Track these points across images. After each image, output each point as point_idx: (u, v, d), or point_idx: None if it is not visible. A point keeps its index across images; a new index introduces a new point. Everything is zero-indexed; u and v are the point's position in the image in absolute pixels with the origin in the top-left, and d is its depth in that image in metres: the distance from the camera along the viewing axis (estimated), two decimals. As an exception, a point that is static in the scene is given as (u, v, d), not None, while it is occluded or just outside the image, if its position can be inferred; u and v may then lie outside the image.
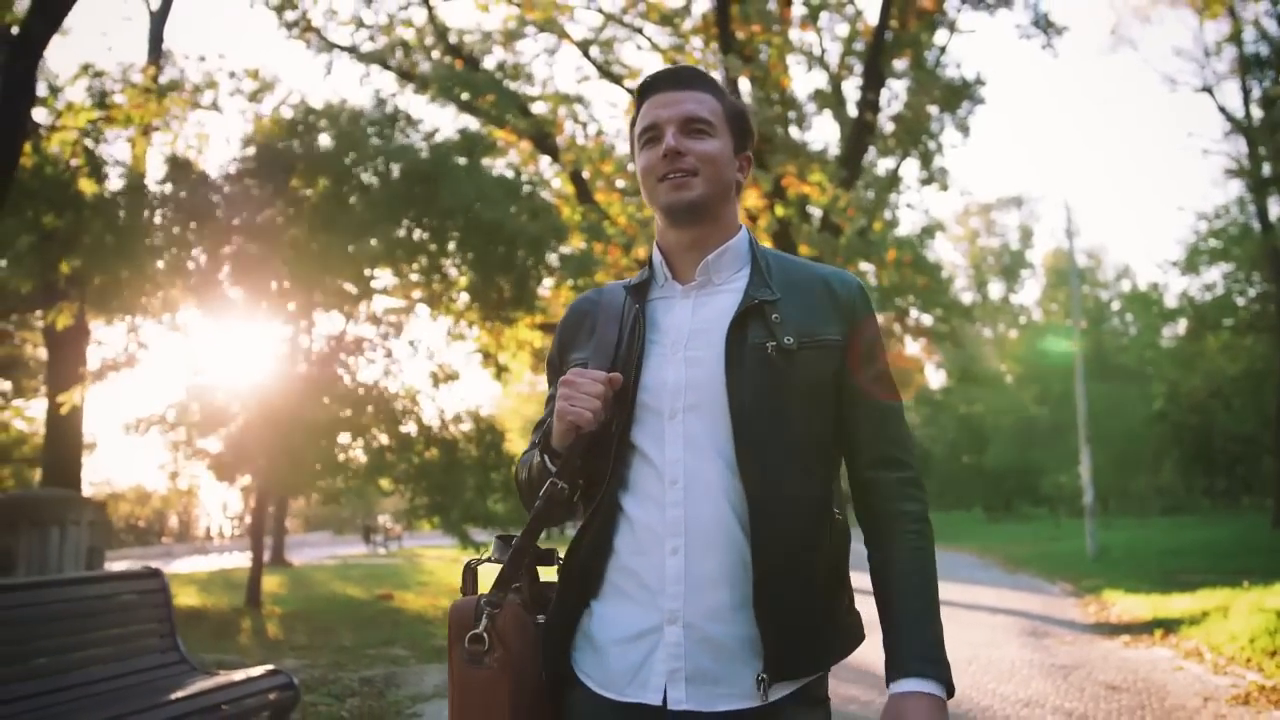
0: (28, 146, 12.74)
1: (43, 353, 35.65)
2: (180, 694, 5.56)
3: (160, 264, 14.45)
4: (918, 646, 1.86)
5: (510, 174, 17.09)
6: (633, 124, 2.13)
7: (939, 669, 1.84)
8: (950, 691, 1.85)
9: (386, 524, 40.90)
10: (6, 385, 37.12)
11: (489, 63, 21.42)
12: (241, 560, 30.42)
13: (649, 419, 1.97)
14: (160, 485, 42.01)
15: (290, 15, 20.26)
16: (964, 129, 22.75)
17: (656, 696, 1.86)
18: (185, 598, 16.12)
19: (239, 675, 6.06)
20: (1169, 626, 11.09)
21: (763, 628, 1.85)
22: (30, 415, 39.50)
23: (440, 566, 26.89)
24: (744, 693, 1.85)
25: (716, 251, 2.05)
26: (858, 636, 2.01)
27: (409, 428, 15.43)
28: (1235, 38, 28.21)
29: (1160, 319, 45.47)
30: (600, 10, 21.74)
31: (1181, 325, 42.22)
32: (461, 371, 16.81)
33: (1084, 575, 18.30)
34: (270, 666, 6.32)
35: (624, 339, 2.04)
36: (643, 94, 2.10)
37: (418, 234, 15.03)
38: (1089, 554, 22.12)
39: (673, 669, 1.85)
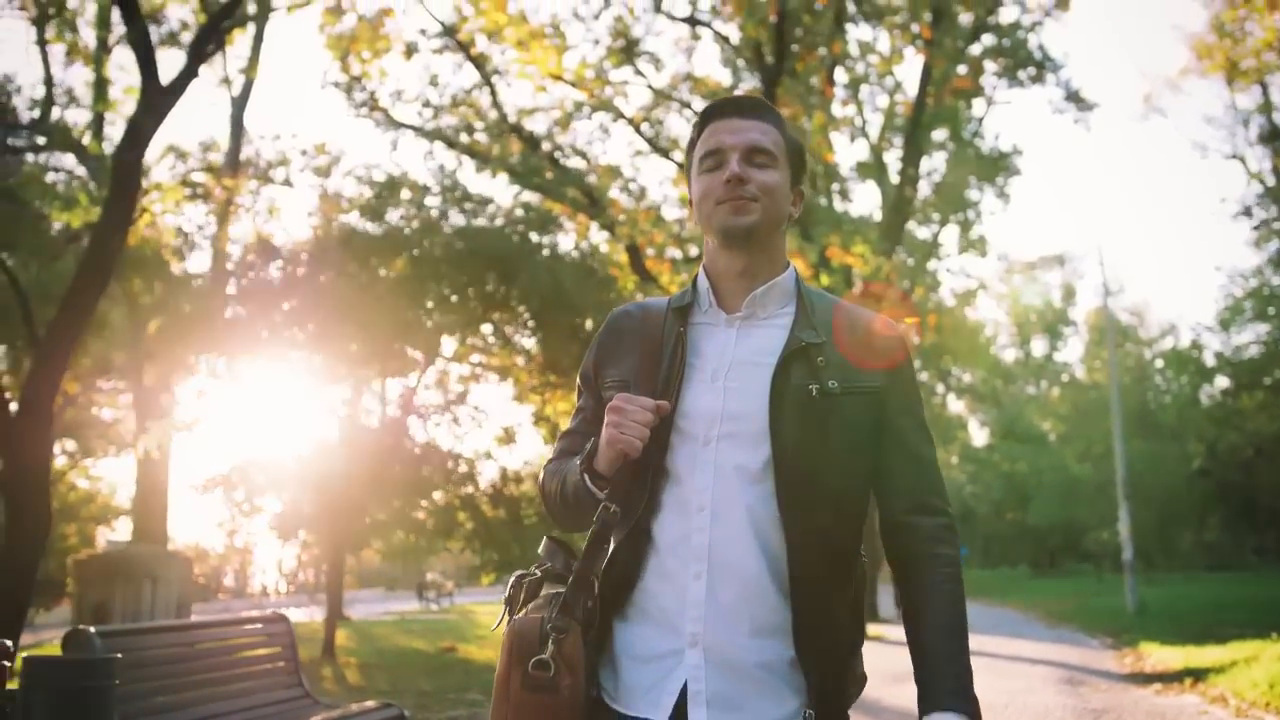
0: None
1: (107, 414, 36.90)
2: (309, 723, 6.39)
3: (237, 337, 15.37)
4: (950, 681, 1.89)
5: (571, 243, 17.93)
6: (690, 147, 2.14)
7: (969, 704, 1.87)
8: None
9: (439, 580, 41.28)
10: (72, 445, 38.33)
11: (546, 139, 22.33)
12: (299, 615, 31.22)
13: (683, 444, 1.98)
14: (218, 543, 42.78)
15: (359, 95, 21.31)
16: (1003, 196, 23.58)
17: (664, 716, 1.90)
18: (262, 649, 16.84)
19: (355, 707, 6.89)
20: (1199, 675, 11.58)
21: (806, 668, 1.90)
22: (95, 474, 40.76)
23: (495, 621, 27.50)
24: (765, 718, 1.90)
25: (765, 286, 2.06)
26: (864, 678, 2.06)
27: (470, 488, 16.14)
28: (1265, 108, 28.86)
29: (1199, 377, 45.68)
30: (650, 86, 22.73)
31: (1221, 383, 42.53)
32: (521, 433, 17.54)
33: (1123, 629, 18.71)
34: (382, 701, 7.14)
35: (667, 363, 2.04)
36: (706, 119, 2.11)
37: (489, 308, 15.83)
38: (1128, 609, 22.49)
39: (694, 691, 1.88)
